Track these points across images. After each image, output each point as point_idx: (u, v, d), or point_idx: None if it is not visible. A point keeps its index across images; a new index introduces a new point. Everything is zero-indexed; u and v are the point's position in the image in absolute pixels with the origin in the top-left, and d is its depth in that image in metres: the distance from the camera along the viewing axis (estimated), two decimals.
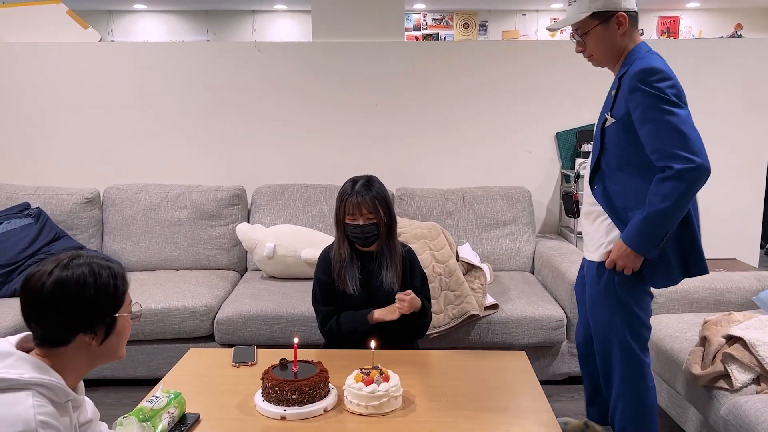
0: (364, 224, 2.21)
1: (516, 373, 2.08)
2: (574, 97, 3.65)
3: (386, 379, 1.82)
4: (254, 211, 3.49)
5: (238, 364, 2.13)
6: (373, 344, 1.94)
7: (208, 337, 2.93)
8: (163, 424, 1.65)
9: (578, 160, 3.52)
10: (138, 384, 2.86)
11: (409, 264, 2.37)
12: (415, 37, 8.45)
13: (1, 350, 1.24)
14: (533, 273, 3.41)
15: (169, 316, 2.85)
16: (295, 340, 1.93)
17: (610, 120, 1.98)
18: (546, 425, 1.75)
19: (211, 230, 3.41)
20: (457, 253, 3.07)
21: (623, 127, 1.95)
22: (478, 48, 3.66)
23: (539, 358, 2.88)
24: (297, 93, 3.66)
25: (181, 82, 3.65)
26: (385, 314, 2.25)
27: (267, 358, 2.18)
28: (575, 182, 3.43)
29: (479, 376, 2.05)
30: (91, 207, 3.43)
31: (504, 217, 3.44)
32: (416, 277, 2.37)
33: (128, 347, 1.59)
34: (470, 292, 2.82)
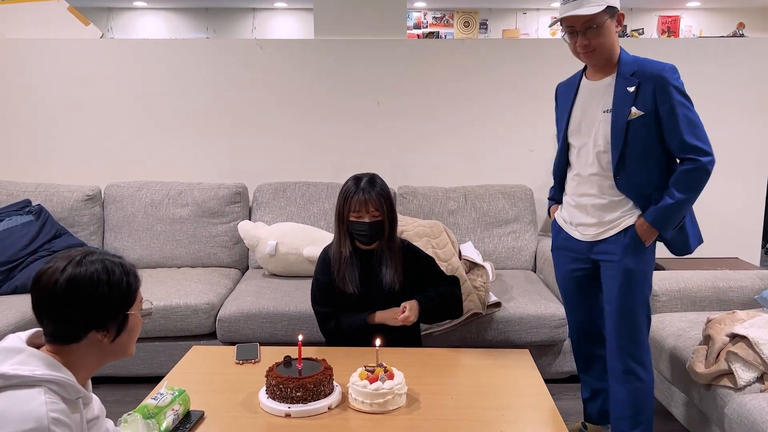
0: (371, 221, 2.20)
1: (520, 371, 2.08)
2: None
3: (391, 376, 1.82)
4: (256, 209, 3.48)
5: (241, 362, 2.13)
6: (378, 342, 1.94)
7: (210, 335, 2.92)
8: (168, 421, 1.65)
9: None
10: (139, 381, 2.86)
11: (410, 258, 2.36)
12: (417, 35, 8.44)
13: (13, 346, 1.23)
14: (535, 271, 3.41)
15: (171, 314, 2.85)
16: (299, 338, 1.93)
17: (637, 113, 2.03)
18: (551, 423, 1.75)
19: (213, 228, 3.41)
20: (460, 252, 3.06)
21: (647, 120, 2.03)
22: (480, 46, 3.66)
23: (541, 356, 2.88)
24: (298, 91, 3.65)
25: (183, 80, 3.64)
26: (386, 319, 2.26)
27: (270, 355, 2.18)
28: None
29: (483, 374, 2.05)
30: (92, 204, 3.42)
31: (506, 215, 3.44)
32: (421, 266, 2.37)
33: None
34: (473, 291, 2.81)
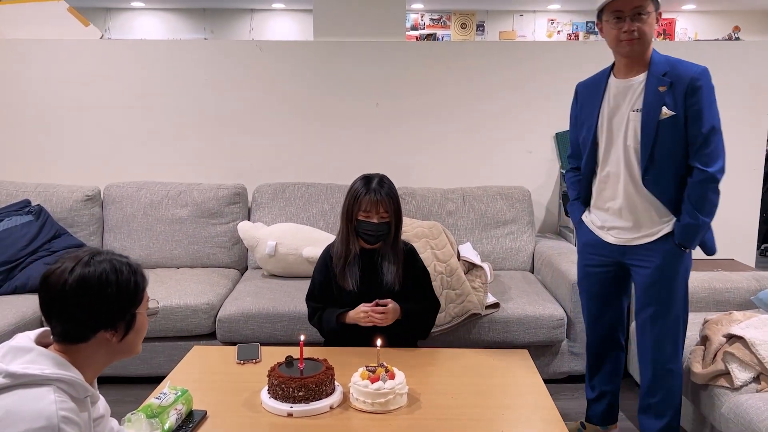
0: (379, 222, 2.22)
1: (519, 371, 2.10)
2: (572, 98, 3.67)
3: (392, 376, 1.83)
4: (255, 210, 3.49)
5: (242, 362, 2.14)
6: (379, 342, 1.95)
7: (210, 335, 2.93)
8: (171, 420, 1.66)
9: None
10: (139, 382, 2.86)
11: (411, 262, 2.38)
12: (416, 37, 8.46)
13: (22, 346, 1.24)
14: (533, 272, 3.43)
15: (170, 314, 2.85)
16: (301, 338, 1.94)
17: (668, 114, 2.04)
18: (551, 422, 1.77)
19: (212, 228, 3.42)
20: (458, 252, 3.08)
21: (677, 121, 2.04)
22: (479, 48, 3.68)
23: (539, 356, 2.90)
24: (298, 92, 3.66)
25: (182, 80, 3.65)
26: (357, 319, 2.24)
27: (270, 355, 2.19)
28: None
29: (483, 374, 2.06)
30: (92, 204, 3.42)
31: (504, 216, 3.46)
32: (418, 275, 2.39)
33: None
34: (471, 291, 2.83)
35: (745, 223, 3.75)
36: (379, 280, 2.30)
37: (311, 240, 3.19)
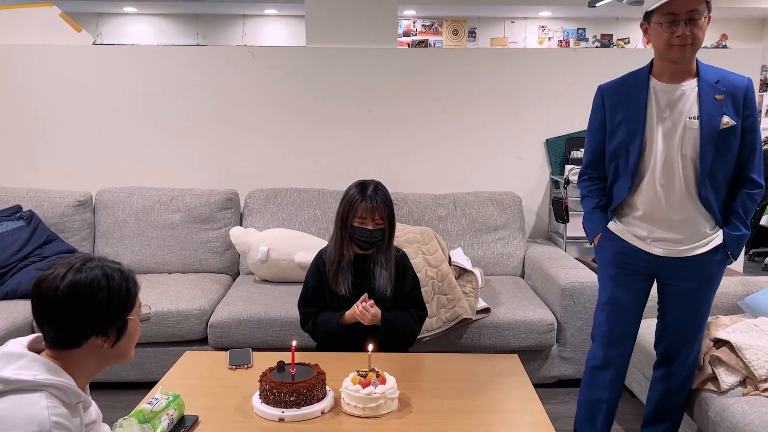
0: (374, 229, 2.24)
1: (509, 375, 2.12)
2: (563, 105, 3.71)
3: (383, 381, 1.85)
4: (247, 215, 3.50)
5: (234, 367, 2.14)
6: (370, 347, 1.97)
7: (201, 341, 2.93)
8: (163, 425, 1.67)
9: (567, 167, 3.57)
10: (131, 387, 2.86)
11: (402, 268, 2.40)
12: (407, 44, 8.50)
13: (14, 351, 1.25)
14: (523, 277, 3.46)
15: (162, 320, 2.85)
16: (293, 343, 1.95)
17: (729, 123, 1.98)
18: (540, 426, 1.79)
19: (204, 234, 3.42)
20: (449, 258, 3.10)
21: (735, 130, 2.00)
22: (470, 55, 3.71)
23: (529, 361, 2.92)
24: (290, 98, 3.68)
25: (174, 86, 3.66)
26: (354, 316, 2.26)
27: (262, 360, 2.19)
28: (565, 188, 3.48)
29: (473, 379, 2.08)
30: (83, 210, 3.42)
31: (495, 222, 3.48)
32: (408, 282, 2.40)
33: None
34: (462, 296, 2.85)
35: None
36: (371, 286, 2.32)
37: (303, 245, 3.20)
